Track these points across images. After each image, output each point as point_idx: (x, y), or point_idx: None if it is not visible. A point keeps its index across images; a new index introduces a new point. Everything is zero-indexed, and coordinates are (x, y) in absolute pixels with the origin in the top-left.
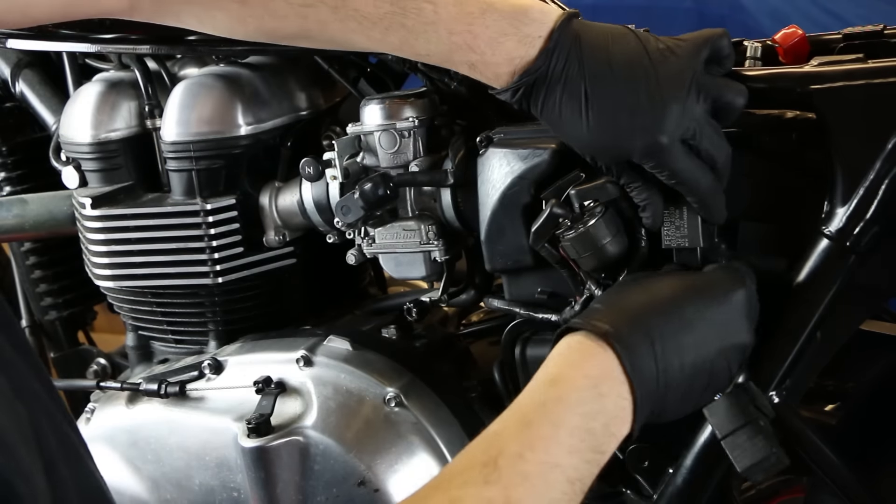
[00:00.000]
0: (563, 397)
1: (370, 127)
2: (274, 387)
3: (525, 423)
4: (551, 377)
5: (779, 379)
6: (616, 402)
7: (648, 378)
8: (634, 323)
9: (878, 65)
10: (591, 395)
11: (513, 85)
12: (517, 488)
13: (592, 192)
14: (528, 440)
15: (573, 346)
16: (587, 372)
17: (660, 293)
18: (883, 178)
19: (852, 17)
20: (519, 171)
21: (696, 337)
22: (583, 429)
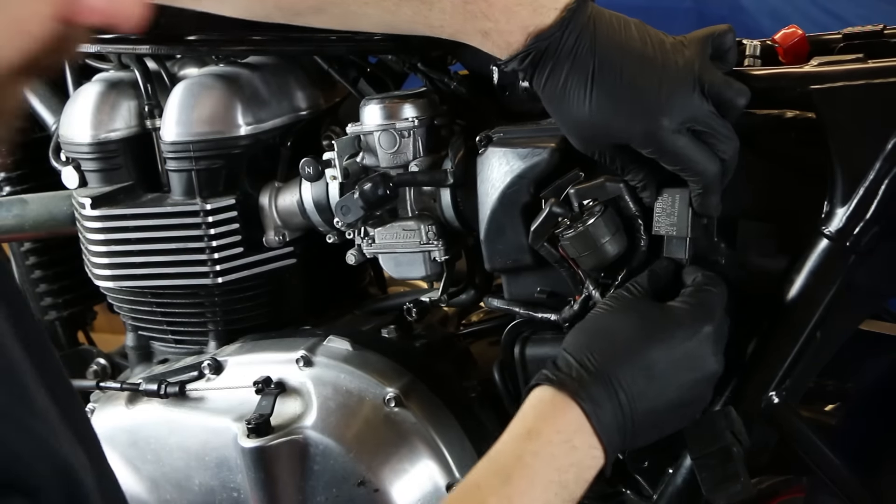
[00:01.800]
0: (539, 452)
1: (370, 127)
2: (274, 387)
3: (504, 477)
4: (527, 430)
5: (779, 379)
6: (587, 453)
7: (615, 427)
8: (599, 377)
9: (877, 65)
10: (564, 450)
11: (522, 51)
12: None
13: (592, 191)
14: (506, 496)
15: (546, 399)
16: (559, 427)
17: (624, 340)
18: (883, 178)
19: (852, 17)
20: (518, 171)
21: (662, 381)
22: (557, 483)
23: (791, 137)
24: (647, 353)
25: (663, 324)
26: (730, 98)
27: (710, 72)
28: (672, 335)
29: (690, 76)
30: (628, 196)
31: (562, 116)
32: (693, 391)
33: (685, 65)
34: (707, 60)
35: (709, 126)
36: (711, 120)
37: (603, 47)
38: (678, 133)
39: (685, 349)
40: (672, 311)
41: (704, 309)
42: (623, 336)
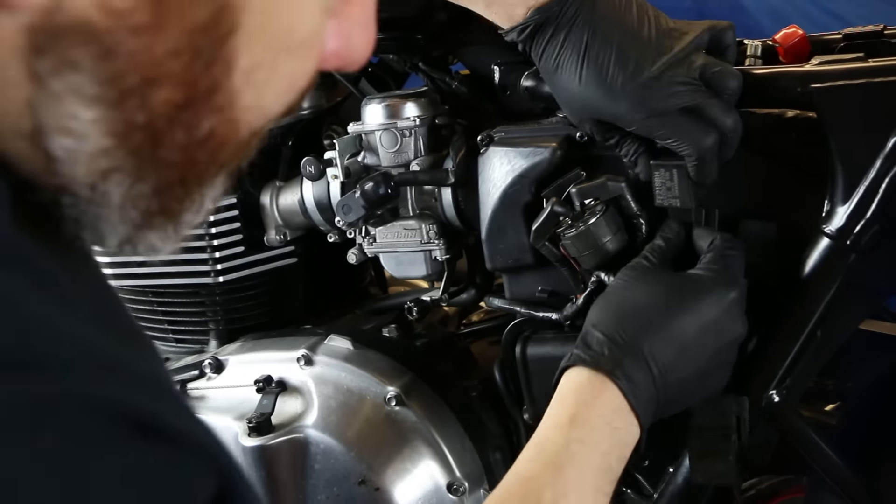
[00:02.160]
0: (585, 439)
1: (371, 126)
2: (275, 386)
3: (556, 467)
4: (570, 417)
5: (779, 378)
6: (627, 432)
7: (650, 402)
8: (632, 352)
9: (878, 64)
10: (607, 433)
11: (522, 22)
12: None
13: (593, 190)
14: (560, 487)
15: (583, 382)
16: (600, 411)
17: (653, 312)
18: (883, 177)
19: (852, 17)
20: (520, 170)
21: (693, 350)
22: (602, 468)
23: (792, 137)
24: (677, 324)
25: (692, 293)
26: (720, 80)
27: (703, 56)
28: (700, 304)
29: (684, 57)
30: (629, 195)
31: (556, 89)
32: (721, 357)
33: (682, 48)
34: (702, 47)
35: (702, 102)
36: (705, 96)
37: (599, 23)
38: (669, 113)
39: (714, 317)
40: (699, 280)
41: (729, 274)
42: (651, 308)
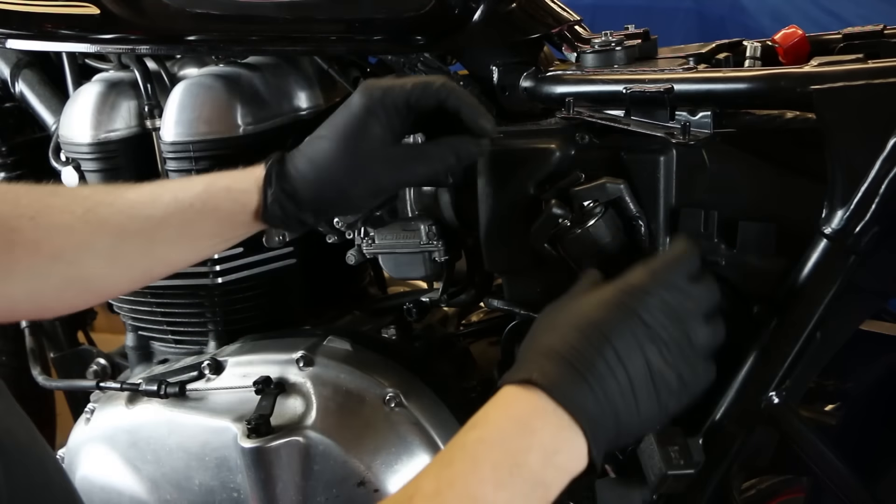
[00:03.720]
0: (484, 437)
1: None
2: (274, 387)
3: (444, 464)
4: (473, 422)
5: (779, 379)
6: (554, 436)
7: (587, 405)
8: (553, 359)
9: (877, 65)
10: (518, 432)
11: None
12: None
13: (592, 192)
14: (446, 478)
15: (498, 397)
16: (511, 413)
17: (571, 320)
18: (882, 179)
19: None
20: (519, 171)
21: (621, 347)
22: (510, 464)
23: (791, 138)
24: (604, 324)
25: (612, 295)
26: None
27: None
28: (624, 303)
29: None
30: (628, 197)
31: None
32: (665, 362)
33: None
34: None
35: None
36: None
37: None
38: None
39: (639, 322)
40: (615, 284)
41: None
42: (572, 314)
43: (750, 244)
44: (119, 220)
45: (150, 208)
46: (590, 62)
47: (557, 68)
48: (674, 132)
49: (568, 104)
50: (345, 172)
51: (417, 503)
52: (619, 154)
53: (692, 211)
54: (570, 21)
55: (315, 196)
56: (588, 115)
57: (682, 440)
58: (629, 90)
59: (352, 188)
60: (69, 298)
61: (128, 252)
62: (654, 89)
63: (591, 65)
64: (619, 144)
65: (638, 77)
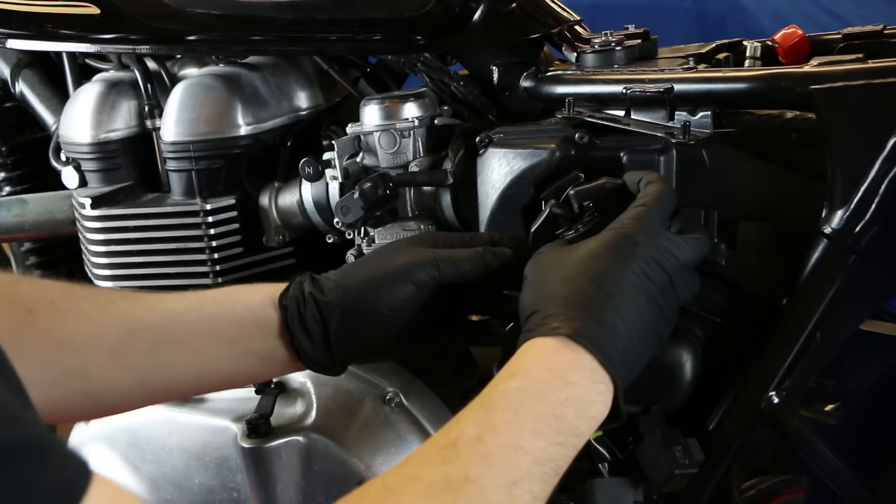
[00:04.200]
0: (524, 388)
1: (370, 127)
2: (274, 387)
3: (485, 410)
4: (510, 371)
5: (779, 379)
6: (589, 388)
7: (614, 356)
8: (578, 311)
9: (877, 65)
10: (556, 385)
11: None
12: (476, 467)
13: (592, 192)
14: (487, 425)
15: (533, 349)
16: (550, 366)
17: (582, 269)
18: (882, 179)
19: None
20: (518, 171)
21: (633, 294)
22: (548, 414)
23: (791, 138)
24: (615, 278)
25: (617, 243)
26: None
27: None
28: (626, 254)
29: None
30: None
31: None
32: (655, 307)
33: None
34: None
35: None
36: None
37: None
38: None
39: (636, 271)
40: (614, 234)
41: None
42: (587, 265)
43: (750, 244)
44: (137, 313)
45: (172, 302)
46: (590, 62)
47: (557, 68)
48: (674, 132)
49: (568, 104)
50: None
51: (461, 446)
52: (619, 154)
53: (692, 211)
54: (570, 21)
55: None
56: (588, 116)
57: (682, 440)
58: (629, 90)
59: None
60: (60, 397)
61: (132, 347)
62: (654, 89)
63: (591, 65)
64: (620, 144)
65: (638, 77)
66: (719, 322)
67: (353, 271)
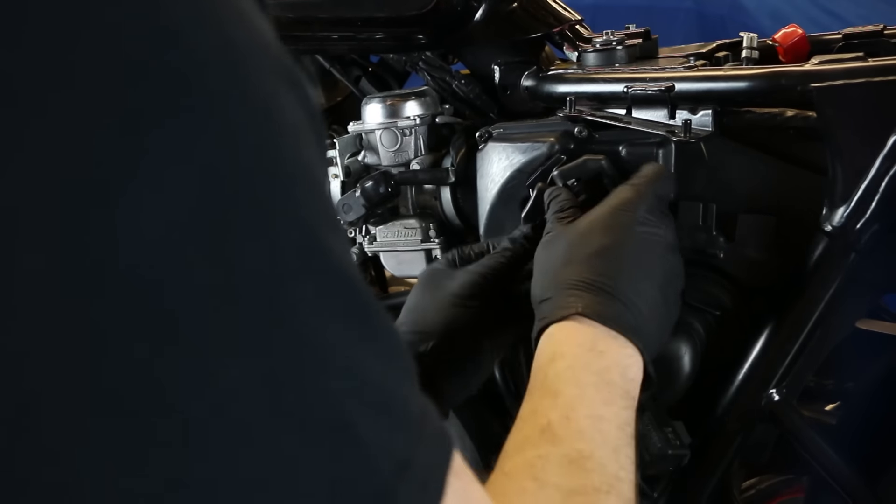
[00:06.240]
0: (571, 365)
1: (371, 125)
2: None
3: (552, 394)
4: (550, 356)
5: (779, 376)
6: (619, 353)
7: (630, 323)
8: (588, 290)
9: (878, 63)
10: (593, 357)
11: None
12: (581, 442)
13: (574, 170)
14: (563, 405)
15: (555, 331)
16: (579, 342)
17: (585, 249)
18: (883, 176)
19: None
20: (518, 165)
21: (632, 268)
22: (602, 383)
23: (791, 136)
24: (619, 252)
25: (622, 221)
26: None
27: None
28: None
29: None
30: (610, 172)
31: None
32: (669, 274)
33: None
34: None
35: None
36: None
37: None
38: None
39: (646, 244)
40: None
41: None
42: (592, 242)
43: (749, 237)
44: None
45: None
46: (591, 61)
47: (559, 67)
48: (675, 130)
49: (569, 103)
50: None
51: (557, 429)
52: (617, 148)
53: (691, 204)
54: (572, 20)
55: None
56: (589, 114)
57: (671, 422)
58: (630, 89)
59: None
60: None
61: None
62: (655, 88)
63: (593, 64)
64: (618, 138)
65: (639, 76)
66: (718, 315)
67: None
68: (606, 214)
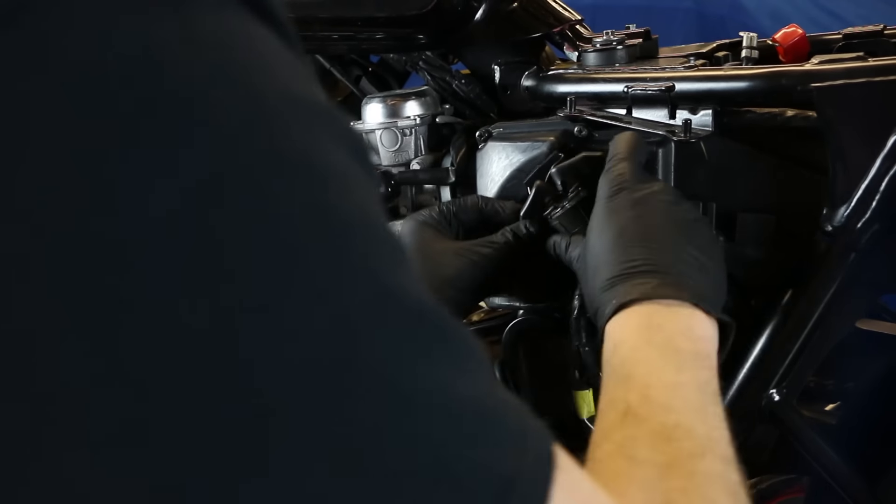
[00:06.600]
0: (633, 346)
1: (372, 125)
2: None
3: (622, 378)
4: (612, 349)
5: (780, 376)
6: (677, 318)
7: (675, 284)
8: (627, 279)
9: (878, 63)
10: (652, 332)
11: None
12: (664, 415)
13: (573, 167)
14: (638, 385)
15: (610, 330)
16: (632, 328)
17: (615, 243)
18: (883, 176)
19: (852, 17)
20: (518, 164)
21: (663, 234)
22: (669, 352)
23: (791, 135)
24: (669, 233)
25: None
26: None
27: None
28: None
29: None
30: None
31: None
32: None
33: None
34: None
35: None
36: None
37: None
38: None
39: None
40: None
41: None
42: (593, 247)
43: (749, 236)
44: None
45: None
46: (591, 61)
47: (559, 67)
48: (675, 130)
49: (569, 103)
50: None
51: (638, 411)
52: None
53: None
54: (572, 20)
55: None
56: (589, 114)
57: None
58: (630, 89)
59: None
60: None
61: None
62: (656, 88)
63: (593, 64)
64: None
65: (639, 76)
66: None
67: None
68: (606, 201)
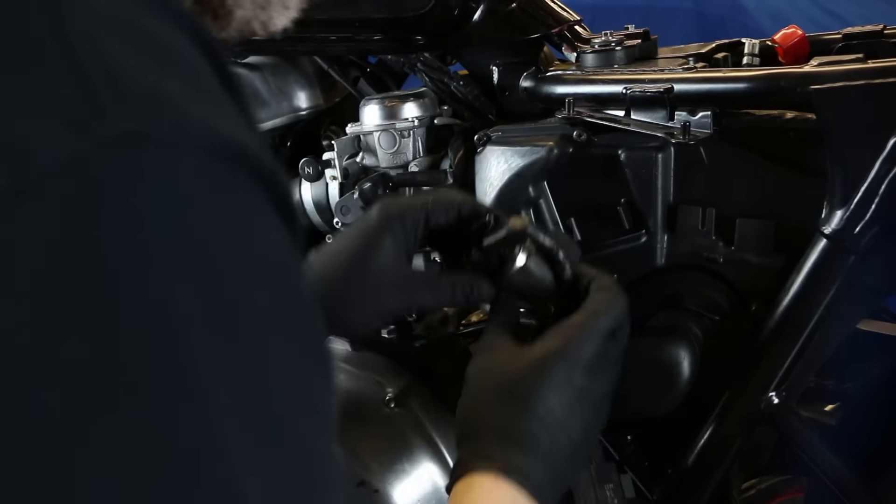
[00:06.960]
0: None
1: (370, 127)
2: None
3: None
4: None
5: (779, 379)
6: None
7: (545, 486)
8: (511, 444)
9: (877, 65)
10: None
11: None
12: None
13: (499, 245)
14: None
15: (475, 490)
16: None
17: (514, 395)
18: (882, 179)
19: (852, 17)
20: (516, 169)
21: (561, 415)
22: None
23: (790, 138)
24: (531, 392)
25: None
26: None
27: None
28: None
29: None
30: (536, 235)
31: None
32: (588, 410)
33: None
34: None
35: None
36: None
37: None
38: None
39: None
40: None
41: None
42: (488, 380)
43: (748, 241)
44: None
45: None
46: (590, 62)
47: (557, 68)
48: (674, 132)
49: (568, 104)
50: (353, 292)
51: None
52: (617, 152)
53: (690, 208)
54: (570, 21)
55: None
56: (588, 116)
57: (616, 477)
58: (629, 90)
59: (356, 310)
60: None
61: None
62: (654, 89)
63: (591, 65)
64: (618, 142)
65: (638, 77)
66: (717, 319)
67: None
68: (548, 356)
